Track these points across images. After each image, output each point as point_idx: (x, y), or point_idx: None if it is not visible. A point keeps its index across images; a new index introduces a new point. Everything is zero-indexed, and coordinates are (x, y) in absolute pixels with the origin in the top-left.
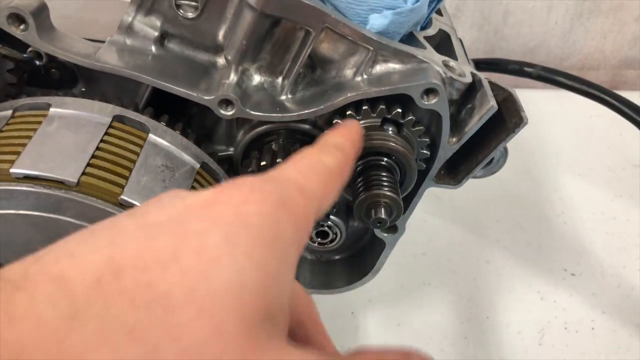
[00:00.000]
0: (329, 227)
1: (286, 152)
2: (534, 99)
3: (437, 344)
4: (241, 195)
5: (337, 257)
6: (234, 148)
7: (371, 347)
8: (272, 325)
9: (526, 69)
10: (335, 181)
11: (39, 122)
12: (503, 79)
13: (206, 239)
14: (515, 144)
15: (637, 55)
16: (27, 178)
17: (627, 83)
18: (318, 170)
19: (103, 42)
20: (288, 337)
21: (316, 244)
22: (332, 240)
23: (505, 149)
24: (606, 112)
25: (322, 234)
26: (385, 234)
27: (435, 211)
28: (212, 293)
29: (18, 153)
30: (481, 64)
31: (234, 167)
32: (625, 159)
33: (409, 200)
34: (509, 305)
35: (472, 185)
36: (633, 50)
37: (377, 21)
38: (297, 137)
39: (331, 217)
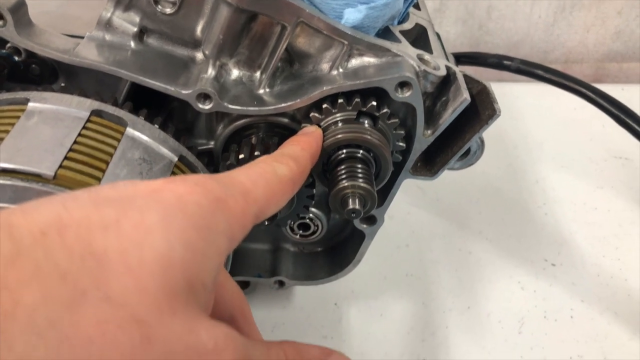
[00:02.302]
0: (311, 219)
1: (265, 146)
2: (517, 92)
3: (419, 333)
4: (185, 188)
5: (319, 249)
6: (214, 142)
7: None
8: (192, 297)
9: (505, 62)
10: (284, 190)
11: (17, 117)
12: (487, 73)
13: (146, 214)
14: (498, 136)
15: (619, 48)
16: (5, 171)
17: (610, 76)
18: (268, 178)
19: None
20: (205, 312)
21: (298, 236)
22: (313, 233)
23: (482, 142)
24: (588, 105)
25: (303, 226)
26: (365, 225)
27: (419, 204)
28: (142, 257)
29: None
30: (461, 58)
31: (214, 161)
32: (607, 151)
33: (387, 192)
34: (490, 295)
35: (456, 178)
36: (616, 43)
37: (351, 15)
38: (276, 131)
39: (312, 209)
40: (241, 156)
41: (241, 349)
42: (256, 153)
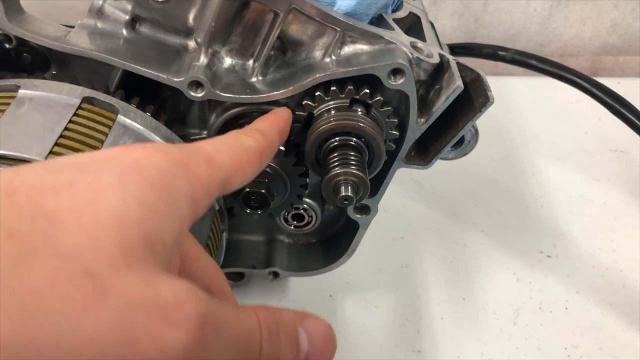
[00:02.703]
0: (305, 210)
1: None
2: (512, 86)
3: (414, 325)
4: (144, 153)
5: (313, 240)
6: (207, 131)
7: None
8: (151, 254)
9: (500, 52)
10: (250, 160)
11: (8, 104)
12: (482, 67)
13: (101, 176)
14: (495, 129)
15: (615, 41)
16: None
17: (606, 69)
18: (233, 147)
19: None
20: (167, 271)
21: (292, 227)
22: (307, 224)
23: (476, 131)
24: (585, 98)
25: (297, 217)
26: (358, 215)
27: (414, 196)
28: (96, 215)
29: None
30: (457, 49)
31: None
32: (603, 144)
33: (381, 181)
34: (485, 287)
35: (452, 171)
36: (612, 36)
37: (344, 2)
38: None
39: (306, 200)
40: None
41: (204, 304)
42: None
